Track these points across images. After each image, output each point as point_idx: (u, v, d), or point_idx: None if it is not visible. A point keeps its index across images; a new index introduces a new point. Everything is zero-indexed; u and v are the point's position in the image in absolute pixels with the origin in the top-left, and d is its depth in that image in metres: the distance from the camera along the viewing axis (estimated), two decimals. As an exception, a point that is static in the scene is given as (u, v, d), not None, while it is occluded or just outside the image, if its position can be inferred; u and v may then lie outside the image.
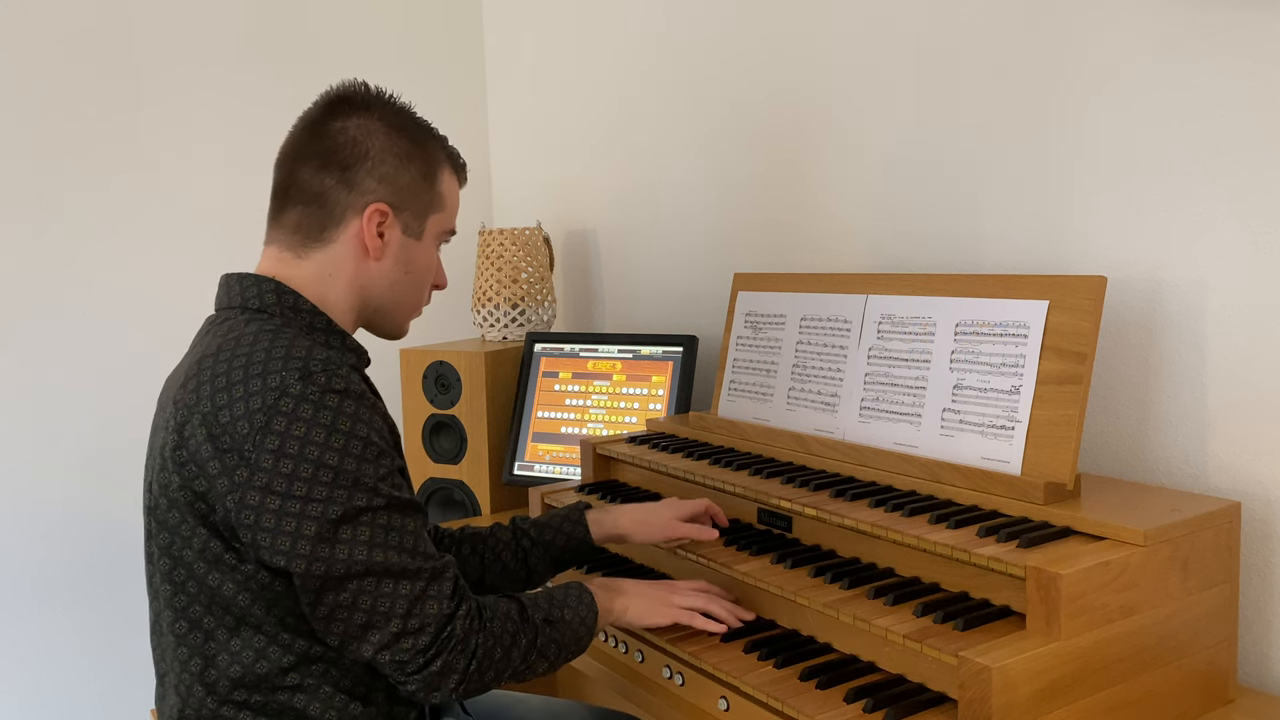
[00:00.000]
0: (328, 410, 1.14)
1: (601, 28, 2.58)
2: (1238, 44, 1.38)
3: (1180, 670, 1.25)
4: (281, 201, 1.31)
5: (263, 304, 1.26)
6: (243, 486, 1.13)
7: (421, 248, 1.35)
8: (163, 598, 1.23)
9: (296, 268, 1.29)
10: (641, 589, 1.41)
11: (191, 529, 1.17)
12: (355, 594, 1.14)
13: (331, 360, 1.18)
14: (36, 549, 2.45)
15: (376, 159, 1.29)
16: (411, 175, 1.31)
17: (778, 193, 2.12)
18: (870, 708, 1.18)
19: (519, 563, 1.54)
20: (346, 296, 1.31)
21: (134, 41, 2.51)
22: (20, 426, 2.43)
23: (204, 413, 1.16)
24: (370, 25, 2.83)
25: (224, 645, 1.19)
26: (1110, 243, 1.55)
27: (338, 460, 1.13)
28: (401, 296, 1.36)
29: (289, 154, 1.32)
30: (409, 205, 1.32)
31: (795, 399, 1.73)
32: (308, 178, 1.29)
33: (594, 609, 1.33)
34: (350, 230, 1.29)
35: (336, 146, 1.28)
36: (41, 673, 2.48)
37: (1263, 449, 1.40)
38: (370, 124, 1.30)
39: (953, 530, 1.29)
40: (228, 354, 1.19)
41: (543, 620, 1.27)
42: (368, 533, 1.14)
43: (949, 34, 1.74)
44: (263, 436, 1.12)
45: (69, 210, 2.46)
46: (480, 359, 2.37)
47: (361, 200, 1.28)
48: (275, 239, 1.32)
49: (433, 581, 1.17)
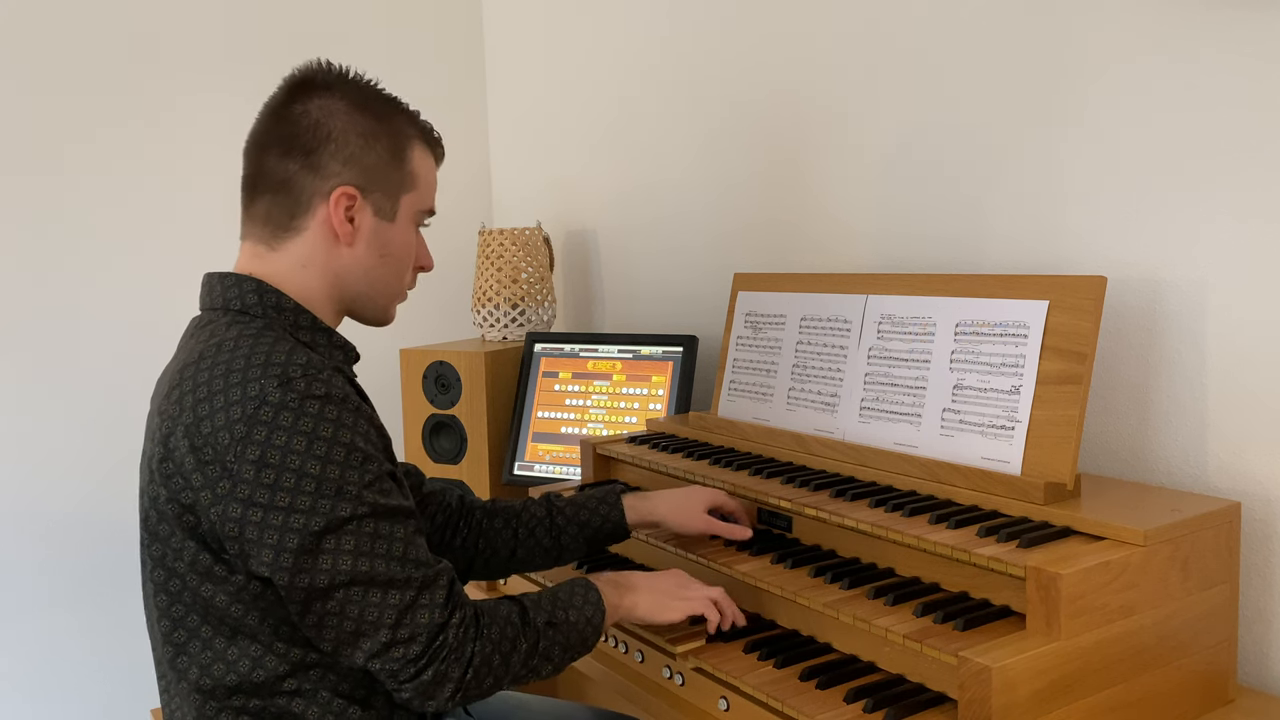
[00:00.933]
0: (308, 417, 1.11)
1: (601, 28, 2.58)
2: (1238, 43, 1.38)
3: (1180, 670, 1.25)
4: (251, 192, 1.28)
5: (244, 305, 1.23)
6: (225, 499, 1.11)
7: (396, 229, 1.30)
8: (159, 606, 1.21)
9: (272, 261, 1.26)
10: (652, 583, 1.38)
11: (181, 541, 1.16)
12: (343, 603, 1.11)
13: (313, 364, 1.15)
14: (40, 548, 2.45)
15: (340, 140, 1.24)
16: (378, 154, 1.26)
17: (778, 193, 2.12)
18: (870, 708, 1.18)
19: (552, 539, 1.53)
20: (323, 287, 1.27)
21: (135, 41, 2.51)
22: (23, 425, 2.43)
23: (186, 424, 1.14)
24: (370, 25, 2.83)
25: (220, 653, 1.17)
26: (1110, 243, 1.55)
27: (319, 468, 1.10)
28: (380, 282, 1.31)
29: (254, 142, 1.28)
30: (378, 186, 1.27)
31: (795, 399, 1.73)
32: (272, 165, 1.25)
33: (600, 607, 1.29)
34: (319, 216, 1.25)
35: (299, 130, 1.24)
36: (46, 671, 2.48)
37: (1263, 449, 1.40)
38: (332, 104, 1.25)
39: (953, 530, 1.29)
40: (209, 361, 1.16)
41: (545, 623, 1.23)
42: (352, 542, 1.11)
43: (949, 34, 1.74)
44: (243, 447, 1.10)
45: (69, 210, 2.46)
46: (480, 359, 2.37)
47: (326, 184, 1.24)
48: (249, 232, 1.29)
49: (424, 590, 1.14)
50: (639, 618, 1.35)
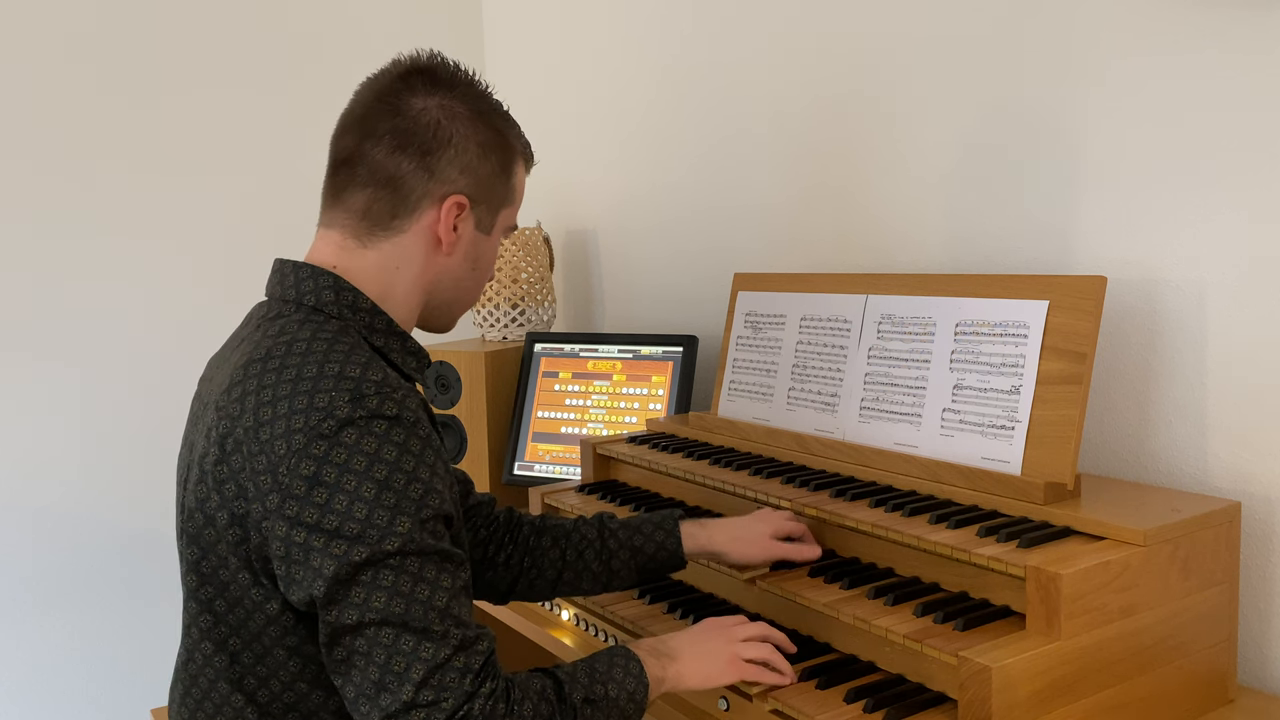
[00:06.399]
0: (373, 437, 1.04)
1: (601, 28, 2.58)
2: (1239, 43, 1.38)
3: (1180, 670, 1.25)
4: (346, 179, 1.19)
5: (319, 301, 1.16)
6: (273, 514, 1.04)
7: (489, 243, 1.27)
8: (189, 612, 1.16)
9: (360, 257, 1.19)
10: (696, 647, 1.24)
11: (224, 554, 1.10)
12: (370, 643, 1.02)
13: (388, 382, 1.09)
14: (31, 550, 2.45)
15: (460, 146, 1.19)
16: (491, 167, 1.22)
17: (778, 193, 2.12)
18: (870, 708, 1.18)
19: (602, 564, 1.44)
20: (412, 292, 1.22)
21: (135, 41, 2.51)
22: (14, 426, 2.42)
23: (246, 427, 1.07)
24: (370, 25, 2.83)
25: (249, 669, 1.12)
26: (1110, 243, 1.55)
27: (375, 493, 1.03)
28: (465, 293, 1.28)
29: (356, 126, 1.19)
30: (485, 198, 1.23)
31: (795, 399, 1.73)
32: (381, 157, 1.17)
33: (644, 681, 1.17)
34: (424, 221, 1.19)
35: (418, 127, 1.17)
36: (35, 676, 2.47)
37: (1263, 449, 1.40)
38: (455, 106, 1.20)
39: (953, 530, 1.29)
40: (277, 362, 1.09)
41: (582, 700, 1.11)
42: (392, 578, 1.02)
43: (948, 34, 1.74)
44: (298, 460, 1.03)
45: (69, 210, 2.46)
46: (480, 359, 2.37)
47: (441, 189, 1.19)
48: (337, 222, 1.20)
49: (460, 651, 1.03)
50: (689, 687, 1.23)
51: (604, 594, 1.52)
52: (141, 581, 2.55)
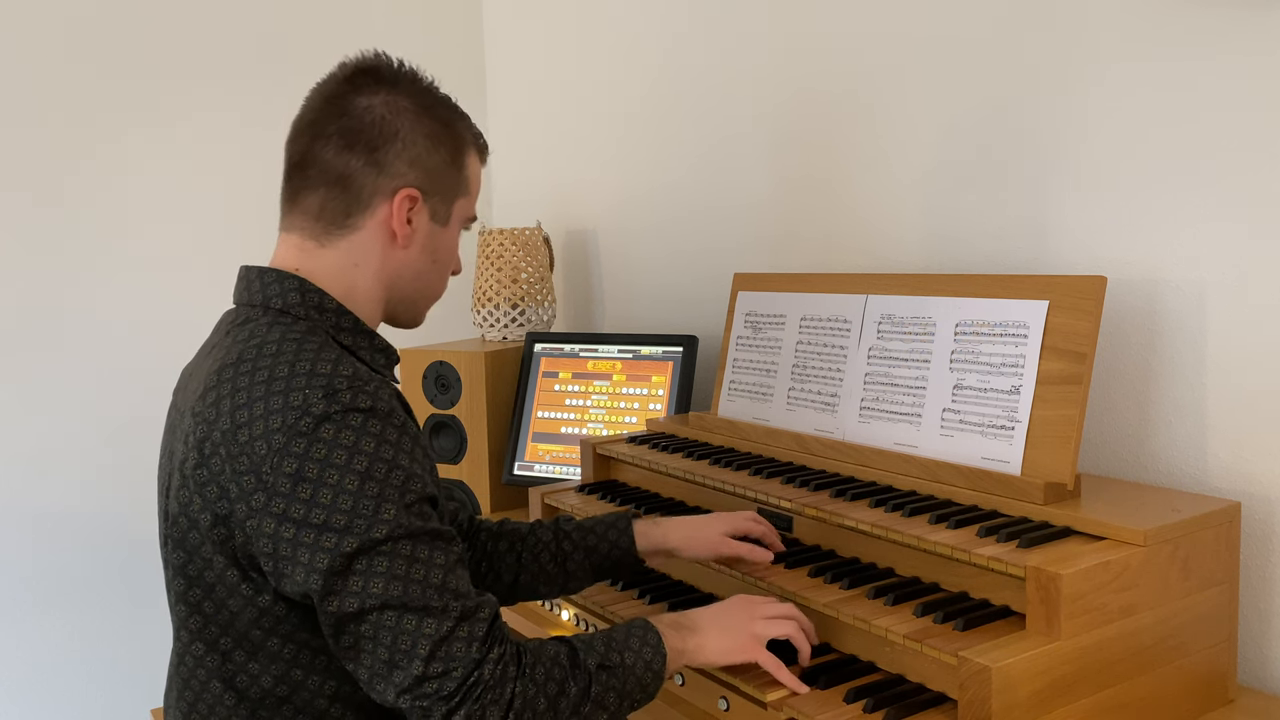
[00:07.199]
0: (350, 430, 1.06)
1: (601, 28, 2.58)
2: (1239, 43, 1.38)
3: (1180, 670, 1.25)
4: (300, 183, 1.22)
5: (285, 304, 1.18)
6: (260, 513, 1.06)
7: (447, 234, 1.28)
8: (178, 616, 1.17)
9: (320, 258, 1.21)
10: (719, 621, 1.26)
11: (209, 554, 1.11)
12: (375, 628, 1.05)
13: (359, 376, 1.11)
14: (31, 550, 2.45)
15: (407, 140, 1.20)
16: (441, 158, 1.24)
17: (778, 193, 2.12)
18: (870, 708, 1.18)
19: (557, 566, 1.46)
20: (373, 288, 1.24)
21: (136, 41, 2.51)
22: (15, 426, 2.42)
23: (224, 430, 1.09)
24: (370, 25, 2.83)
25: (241, 666, 1.13)
26: (1110, 243, 1.55)
27: (358, 484, 1.05)
28: (426, 286, 1.29)
29: (306, 130, 1.22)
30: (438, 190, 1.24)
31: (795, 399, 1.73)
32: (330, 157, 1.19)
33: (661, 650, 1.18)
34: (378, 216, 1.21)
35: (363, 125, 1.19)
36: (35, 676, 2.47)
37: (1263, 449, 1.40)
38: (399, 101, 1.21)
39: (953, 530, 1.29)
40: (249, 365, 1.11)
41: (597, 666, 1.13)
42: (386, 564, 1.05)
43: (947, 34, 1.74)
44: (280, 459, 1.05)
45: (70, 210, 2.46)
46: (480, 359, 2.37)
47: (391, 184, 1.20)
48: (295, 225, 1.23)
49: (462, 622, 1.06)
50: (707, 661, 1.24)
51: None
52: (141, 582, 2.55)
